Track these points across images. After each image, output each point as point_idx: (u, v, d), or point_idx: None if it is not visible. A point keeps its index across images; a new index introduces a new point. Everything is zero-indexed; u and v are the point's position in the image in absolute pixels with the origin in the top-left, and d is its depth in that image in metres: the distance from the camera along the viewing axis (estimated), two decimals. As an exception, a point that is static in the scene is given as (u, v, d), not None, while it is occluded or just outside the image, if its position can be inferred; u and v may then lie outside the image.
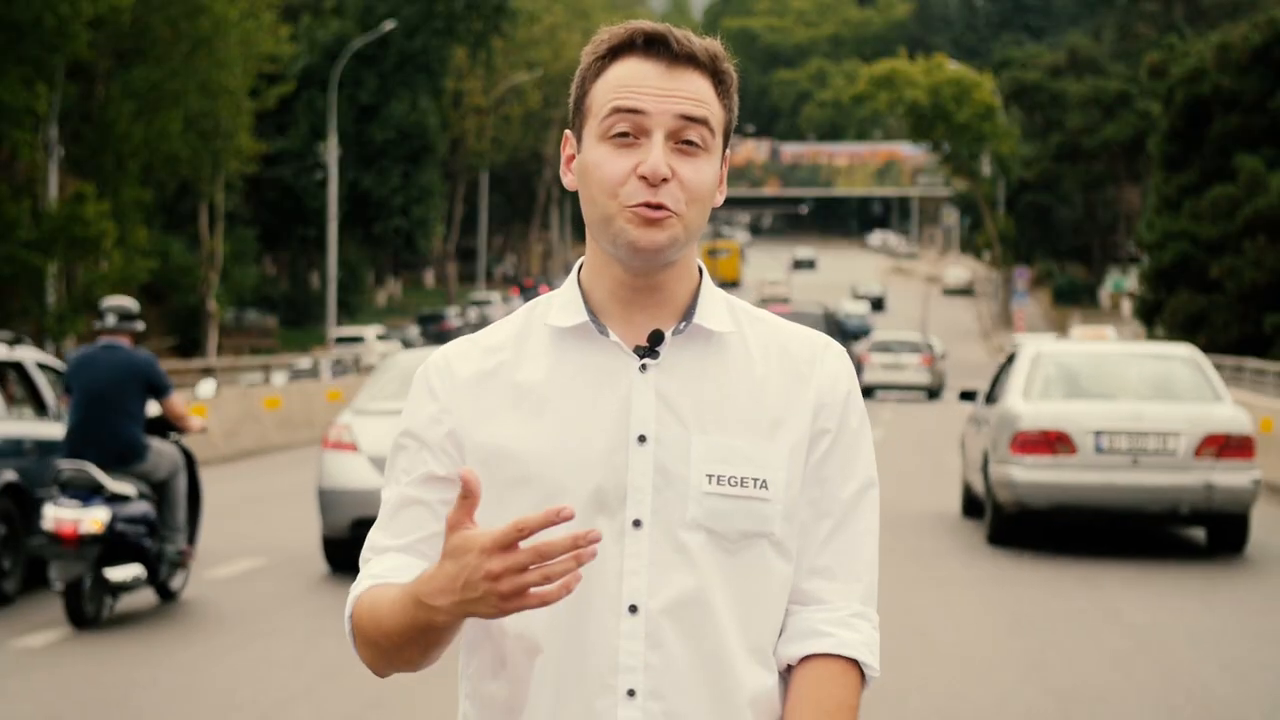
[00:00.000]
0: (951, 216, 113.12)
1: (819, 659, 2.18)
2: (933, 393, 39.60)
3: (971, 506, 15.49)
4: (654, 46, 2.17)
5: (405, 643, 2.08)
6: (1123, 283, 71.58)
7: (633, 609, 2.12)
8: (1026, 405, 13.45)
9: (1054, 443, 13.16)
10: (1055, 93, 74.60)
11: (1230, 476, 12.98)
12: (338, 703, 8.00)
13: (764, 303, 79.60)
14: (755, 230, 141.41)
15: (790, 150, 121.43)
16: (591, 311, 2.20)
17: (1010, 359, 14.67)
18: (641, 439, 2.14)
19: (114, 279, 35.24)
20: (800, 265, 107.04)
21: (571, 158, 2.22)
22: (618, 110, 2.14)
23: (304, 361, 38.75)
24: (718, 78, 2.19)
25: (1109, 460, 13.08)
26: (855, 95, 79.89)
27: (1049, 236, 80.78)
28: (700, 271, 2.26)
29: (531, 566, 1.94)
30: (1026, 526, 13.78)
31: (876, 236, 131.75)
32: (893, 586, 11.37)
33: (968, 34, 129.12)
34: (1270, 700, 8.13)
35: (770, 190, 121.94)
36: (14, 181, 36.05)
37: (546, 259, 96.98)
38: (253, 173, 48.18)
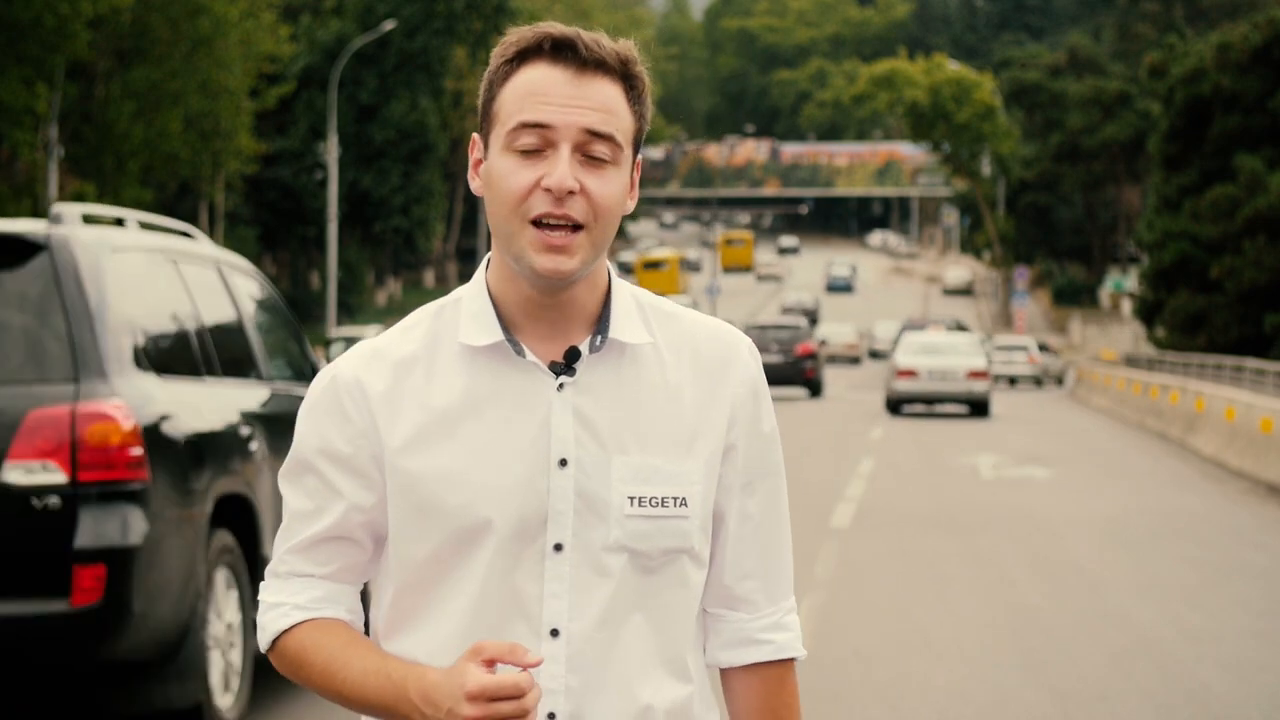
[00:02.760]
0: (951, 216, 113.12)
1: (761, 666, 2.25)
2: (1038, 381, 52.36)
3: (887, 403, 33.58)
4: (561, 52, 2.09)
5: (368, 711, 2.14)
6: (1123, 283, 71.56)
7: (554, 633, 2.11)
8: (901, 358, 33.16)
9: (910, 373, 32.60)
10: (1055, 93, 74.58)
11: (978, 387, 32.38)
12: (338, 703, 7.98)
13: (761, 281, 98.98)
14: (755, 228, 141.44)
15: (790, 150, 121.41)
16: (505, 327, 2.14)
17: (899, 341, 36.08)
18: (563, 463, 2.11)
19: (114, 279, 35.23)
20: (785, 252, 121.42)
21: (479, 162, 2.16)
22: (524, 125, 2.08)
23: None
24: (629, 82, 2.13)
25: (931, 379, 32.53)
26: (855, 95, 79.98)
27: (1049, 236, 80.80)
28: (609, 275, 2.20)
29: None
30: (900, 406, 33.23)
31: (876, 236, 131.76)
32: (892, 580, 11.38)
33: (968, 34, 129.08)
34: (1270, 701, 8.13)
35: (770, 190, 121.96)
36: (14, 181, 36.06)
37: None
38: (253, 173, 48.20)
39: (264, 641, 2.21)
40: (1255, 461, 19.83)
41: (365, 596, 2.29)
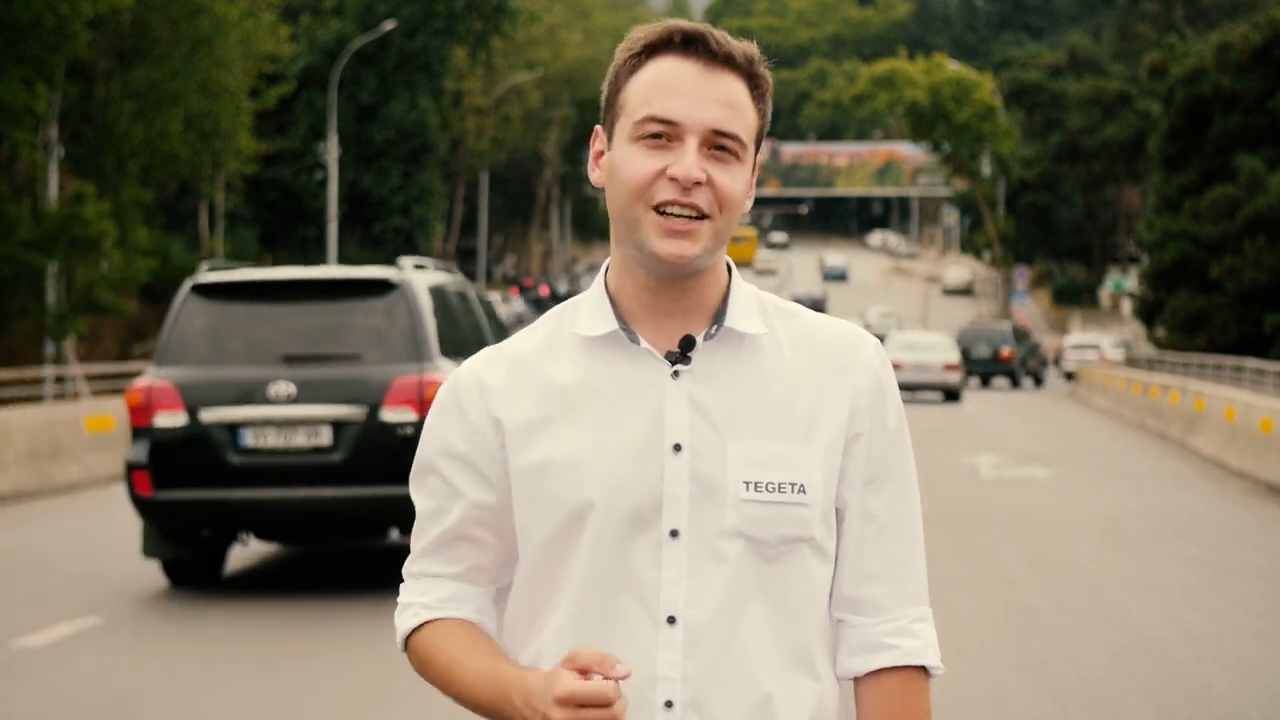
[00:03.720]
0: (951, 216, 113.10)
1: (887, 672, 2.19)
2: None
3: None
4: (692, 45, 2.14)
5: (480, 712, 2.16)
6: (1123, 283, 71.54)
7: (671, 620, 2.10)
8: (891, 354, 38.80)
9: (895, 367, 33.92)
10: (1055, 93, 74.57)
11: (951, 378, 38.61)
12: (341, 700, 8.00)
13: (759, 275, 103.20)
14: (755, 228, 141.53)
15: (790, 150, 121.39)
16: (621, 319, 2.16)
17: (882, 339, 33.56)
18: (676, 448, 2.12)
19: (114, 279, 35.25)
20: (775, 247, 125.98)
21: (600, 154, 2.19)
22: (651, 118, 2.11)
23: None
24: (753, 81, 2.17)
25: (915, 370, 38.37)
26: (855, 95, 79.93)
27: (1049, 236, 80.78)
28: (730, 270, 2.22)
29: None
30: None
31: (876, 236, 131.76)
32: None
33: (968, 34, 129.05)
34: (1270, 701, 8.13)
35: (770, 190, 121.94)
36: (14, 181, 36.06)
37: (546, 259, 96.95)
38: (253, 173, 48.17)
39: (398, 642, 2.24)
40: (1255, 461, 19.83)
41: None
